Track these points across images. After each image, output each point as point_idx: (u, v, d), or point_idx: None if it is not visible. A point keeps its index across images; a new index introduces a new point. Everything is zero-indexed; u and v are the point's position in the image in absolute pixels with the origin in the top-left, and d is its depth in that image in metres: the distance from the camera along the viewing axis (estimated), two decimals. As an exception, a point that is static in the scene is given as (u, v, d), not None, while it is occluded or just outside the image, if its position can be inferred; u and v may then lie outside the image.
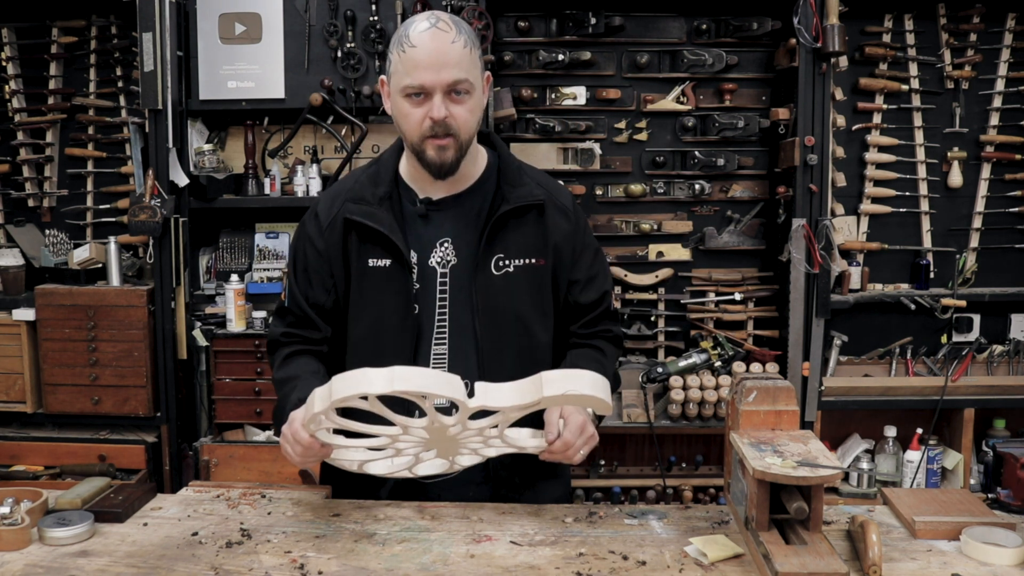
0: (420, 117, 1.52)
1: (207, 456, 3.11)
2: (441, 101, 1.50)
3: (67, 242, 3.32)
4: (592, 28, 3.21)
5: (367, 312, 1.63)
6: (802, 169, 3.03)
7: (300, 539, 1.43)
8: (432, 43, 1.49)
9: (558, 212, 1.67)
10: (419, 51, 1.49)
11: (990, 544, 1.33)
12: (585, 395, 1.30)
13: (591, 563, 1.33)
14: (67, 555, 1.37)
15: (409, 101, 1.53)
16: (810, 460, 1.30)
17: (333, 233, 1.64)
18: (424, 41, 1.49)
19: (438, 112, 1.50)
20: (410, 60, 1.50)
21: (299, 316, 1.70)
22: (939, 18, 3.24)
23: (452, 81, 1.49)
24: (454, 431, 1.39)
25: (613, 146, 3.36)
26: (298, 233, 1.73)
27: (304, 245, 1.69)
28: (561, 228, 1.66)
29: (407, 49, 1.50)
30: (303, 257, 1.69)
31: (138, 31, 2.97)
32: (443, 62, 1.48)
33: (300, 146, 3.35)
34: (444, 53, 1.48)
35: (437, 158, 1.54)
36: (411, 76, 1.50)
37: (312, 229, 1.68)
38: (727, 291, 3.34)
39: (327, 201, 1.69)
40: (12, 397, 3.16)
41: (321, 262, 1.66)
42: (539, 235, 1.63)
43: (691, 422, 3.07)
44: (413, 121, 1.53)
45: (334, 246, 1.65)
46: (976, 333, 3.29)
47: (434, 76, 1.49)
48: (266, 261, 3.31)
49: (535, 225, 1.63)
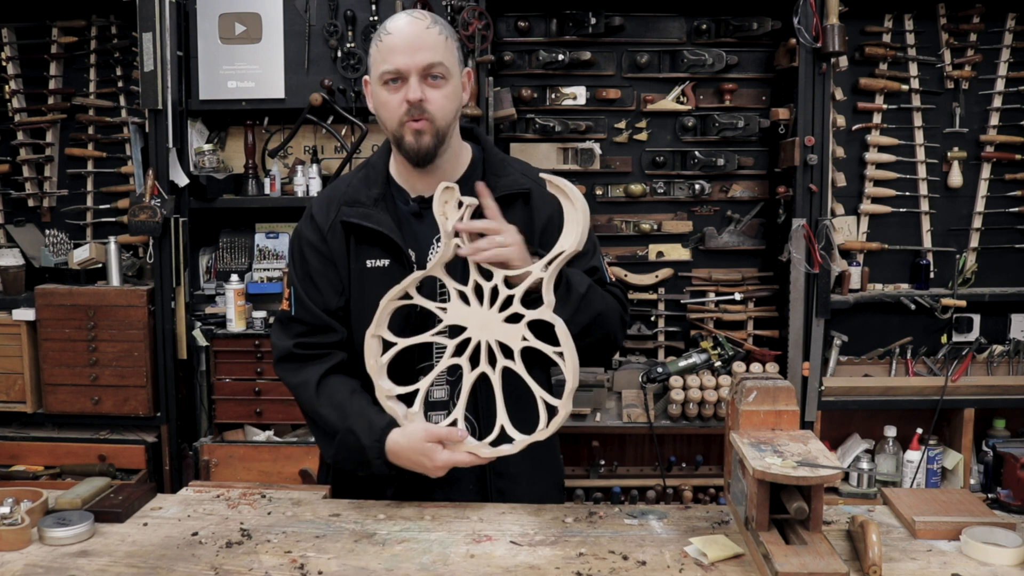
0: (398, 102, 1.57)
1: (207, 456, 3.11)
2: (417, 84, 1.55)
3: (67, 242, 3.32)
4: (592, 28, 3.21)
5: (368, 312, 1.64)
6: (802, 169, 3.02)
7: (300, 539, 1.43)
8: (408, 29, 1.56)
9: (543, 199, 1.68)
10: (394, 37, 1.56)
11: (990, 544, 1.33)
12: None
13: (591, 563, 1.33)
14: (67, 555, 1.37)
15: (387, 88, 1.57)
16: (810, 460, 1.30)
17: (335, 237, 1.65)
18: (399, 28, 1.57)
19: (413, 94, 1.55)
20: (386, 47, 1.56)
21: (312, 324, 1.67)
22: (939, 18, 3.24)
23: (427, 64, 1.55)
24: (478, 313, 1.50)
25: (613, 146, 3.36)
26: (296, 241, 1.72)
27: (306, 251, 1.68)
28: (547, 212, 1.68)
29: (384, 38, 1.57)
30: (306, 263, 1.68)
31: (138, 31, 2.97)
32: (418, 45, 1.54)
33: (300, 146, 3.35)
34: (419, 37, 1.55)
35: (415, 142, 1.58)
36: (387, 62, 1.56)
37: (312, 235, 1.68)
38: (727, 291, 3.34)
39: (322, 206, 1.69)
40: (12, 397, 3.16)
41: (327, 265, 1.66)
42: (527, 222, 1.64)
43: (691, 422, 3.07)
44: (391, 107, 1.58)
45: (338, 250, 1.65)
46: (976, 333, 3.29)
47: (409, 59, 1.54)
48: (266, 261, 3.31)
49: (522, 212, 1.65)
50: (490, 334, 1.51)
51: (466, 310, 1.53)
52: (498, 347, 1.51)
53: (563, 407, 1.46)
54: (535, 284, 1.47)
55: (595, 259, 1.72)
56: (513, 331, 1.49)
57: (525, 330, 1.48)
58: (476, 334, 1.53)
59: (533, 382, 1.50)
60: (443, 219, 1.53)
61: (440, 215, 1.53)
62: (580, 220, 1.46)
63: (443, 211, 1.53)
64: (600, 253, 1.75)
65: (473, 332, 1.53)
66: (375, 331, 1.58)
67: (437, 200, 1.53)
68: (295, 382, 1.68)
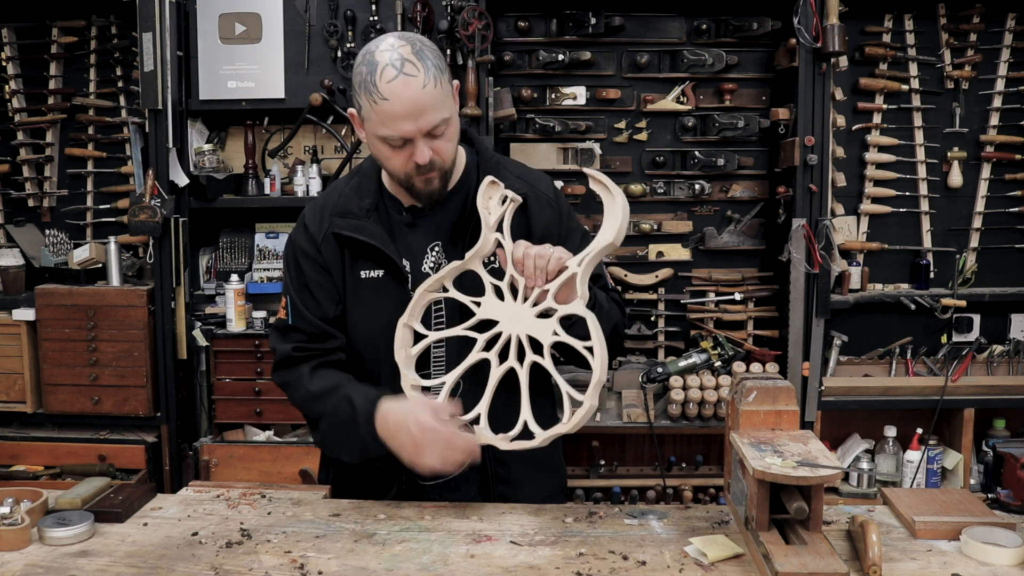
0: (403, 160, 1.52)
1: (207, 456, 3.11)
2: (423, 145, 1.50)
3: (67, 242, 3.32)
4: (592, 28, 3.21)
5: (363, 322, 1.63)
6: (802, 169, 3.02)
7: (300, 539, 1.43)
8: (405, 93, 1.45)
9: (540, 202, 1.67)
10: (392, 104, 1.46)
11: (990, 544, 1.33)
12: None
13: (591, 563, 1.33)
14: (67, 555, 1.37)
15: (388, 145, 1.51)
16: (810, 460, 1.30)
17: (328, 247, 1.63)
18: (396, 92, 1.45)
19: (422, 157, 1.50)
20: (385, 113, 1.47)
21: (310, 333, 1.65)
22: (939, 18, 3.24)
23: (431, 127, 1.49)
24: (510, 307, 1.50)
25: (613, 146, 3.36)
26: (291, 249, 1.69)
27: (301, 260, 1.66)
28: (544, 217, 1.67)
29: (379, 101, 1.46)
30: (302, 273, 1.66)
31: (138, 31, 2.97)
32: (419, 111, 1.46)
33: (300, 146, 3.35)
34: (418, 102, 1.46)
35: (425, 189, 1.56)
36: (389, 128, 1.48)
37: (306, 244, 1.65)
38: (727, 291, 3.34)
39: (314, 215, 1.67)
40: (12, 397, 3.16)
41: (322, 274, 1.64)
42: (523, 227, 1.63)
43: (691, 422, 3.07)
44: (397, 163, 1.53)
45: (332, 260, 1.64)
46: (976, 333, 3.29)
47: (413, 125, 1.47)
48: (266, 261, 3.31)
49: (519, 217, 1.63)
50: (521, 328, 1.51)
51: (500, 305, 1.54)
52: (528, 342, 1.51)
53: (588, 400, 1.44)
54: (571, 279, 1.47)
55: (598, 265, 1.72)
56: (544, 326, 1.49)
57: (556, 325, 1.48)
58: (507, 328, 1.53)
59: (559, 376, 1.49)
60: (486, 213, 1.54)
61: (483, 208, 1.54)
62: (619, 214, 1.45)
63: (486, 205, 1.54)
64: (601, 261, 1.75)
65: (504, 326, 1.53)
66: (408, 321, 1.59)
67: (481, 195, 1.55)
68: (290, 379, 1.66)
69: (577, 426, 1.46)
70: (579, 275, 1.46)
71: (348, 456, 1.60)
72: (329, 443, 1.64)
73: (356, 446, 1.56)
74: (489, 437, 1.52)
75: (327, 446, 1.66)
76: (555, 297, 1.48)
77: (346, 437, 1.57)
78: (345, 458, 1.61)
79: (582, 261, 1.47)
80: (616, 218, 1.45)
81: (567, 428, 1.46)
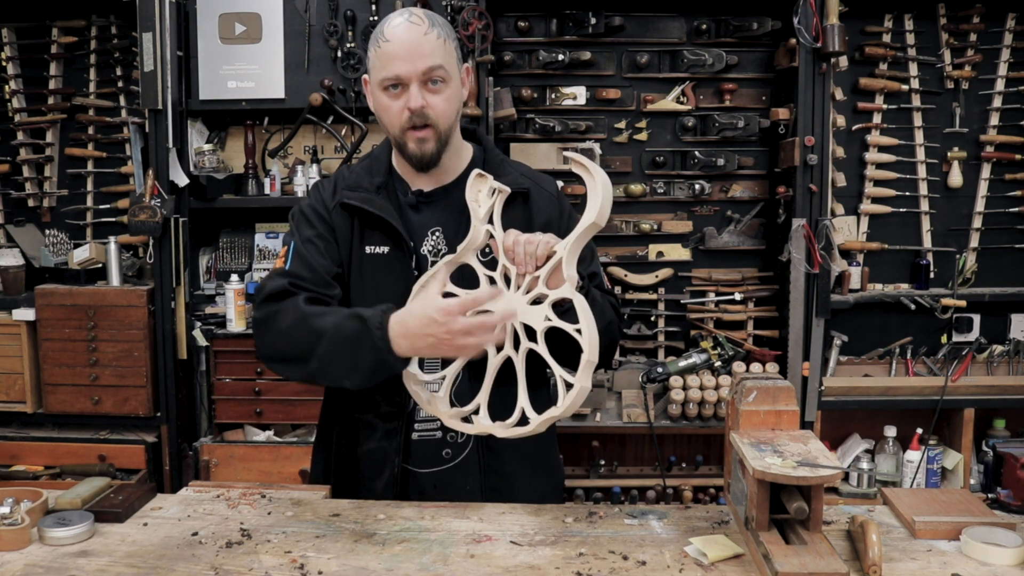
0: (399, 109, 1.57)
1: (207, 456, 3.11)
2: (418, 91, 1.56)
3: (67, 242, 3.31)
4: (592, 28, 3.21)
5: (366, 298, 1.64)
6: (802, 169, 3.02)
7: (300, 539, 1.43)
8: (406, 35, 1.55)
9: (543, 199, 1.70)
10: (393, 44, 1.55)
11: (990, 544, 1.33)
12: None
13: (591, 563, 1.33)
14: (67, 555, 1.37)
15: (387, 94, 1.58)
16: (810, 460, 1.30)
17: (339, 216, 1.65)
18: (398, 34, 1.55)
19: (415, 102, 1.55)
20: (385, 54, 1.55)
21: (309, 277, 1.60)
22: (939, 18, 3.24)
23: (426, 69, 1.55)
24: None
25: (613, 146, 3.36)
26: (298, 211, 1.69)
27: (310, 217, 1.66)
28: (545, 213, 1.69)
29: (382, 44, 1.56)
30: (310, 227, 1.64)
31: (138, 31, 2.97)
32: (417, 52, 1.54)
33: (300, 146, 3.35)
34: (417, 44, 1.54)
35: (418, 150, 1.59)
36: (387, 69, 1.56)
37: (318, 206, 1.66)
38: (727, 291, 3.34)
39: (327, 187, 1.70)
40: (12, 397, 3.16)
41: (330, 235, 1.65)
42: (524, 221, 1.65)
43: (691, 422, 3.07)
44: (393, 113, 1.58)
45: (341, 228, 1.65)
46: (976, 333, 3.29)
47: (409, 66, 1.54)
48: (266, 261, 3.31)
49: (521, 212, 1.66)
50: (516, 316, 1.51)
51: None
52: (523, 330, 1.51)
53: (579, 382, 1.40)
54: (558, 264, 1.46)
55: (594, 265, 1.72)
56: (537, 312, 1.49)
57: (548, 310, 1.47)
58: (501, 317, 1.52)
59: (553, 361, 1.48)
60: (475, 205, 1.55)
61: (472, 201, 1.55)
62: (600, 192, 1.44)
63: (475, 198, 1.55)
64: (598, 258, 1.76)
65: (499, 316, 1.51)
66: None
67: (470, 187, 1.56)
68: (281, 307, 1.55)
69: (570, 409, 1.41)
70: (564, 257, 1.46)
71: (352, 379, 1.51)
72: (329, 367, 1.51)
73: (365, 364, 1.47)
74: (488, 426, 1.52)
75: (326, 371, 1.52)
76: (546, 283, 1.48)
77: (352, 354, 1.48)
78: (347, 382, 1.52)
79: (568, 244, 1.47)
80: (598, 196, 1.45)
81: (560, 411, 1.42)
